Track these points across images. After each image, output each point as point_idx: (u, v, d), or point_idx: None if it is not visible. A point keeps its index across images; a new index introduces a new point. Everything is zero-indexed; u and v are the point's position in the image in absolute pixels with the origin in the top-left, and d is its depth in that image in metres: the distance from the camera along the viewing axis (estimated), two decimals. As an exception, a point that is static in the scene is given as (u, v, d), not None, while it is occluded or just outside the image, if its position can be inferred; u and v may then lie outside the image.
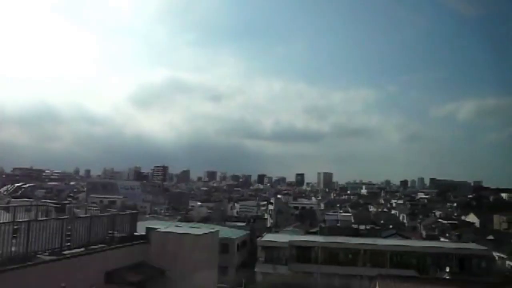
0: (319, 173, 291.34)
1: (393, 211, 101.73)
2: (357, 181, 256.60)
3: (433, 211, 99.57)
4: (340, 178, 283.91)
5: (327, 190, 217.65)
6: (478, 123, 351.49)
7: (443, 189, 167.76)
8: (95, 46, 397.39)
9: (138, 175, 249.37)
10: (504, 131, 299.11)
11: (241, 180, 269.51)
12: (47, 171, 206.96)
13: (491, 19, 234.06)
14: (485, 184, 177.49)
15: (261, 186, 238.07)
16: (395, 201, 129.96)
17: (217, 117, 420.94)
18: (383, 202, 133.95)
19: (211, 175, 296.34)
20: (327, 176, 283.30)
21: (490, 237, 55.61)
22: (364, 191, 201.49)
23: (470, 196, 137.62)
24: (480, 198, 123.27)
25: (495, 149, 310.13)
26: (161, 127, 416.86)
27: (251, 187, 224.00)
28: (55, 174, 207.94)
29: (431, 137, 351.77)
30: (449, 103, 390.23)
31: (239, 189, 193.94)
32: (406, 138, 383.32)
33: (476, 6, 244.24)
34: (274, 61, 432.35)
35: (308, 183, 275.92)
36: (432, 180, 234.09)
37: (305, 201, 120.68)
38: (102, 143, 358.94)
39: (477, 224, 75.38)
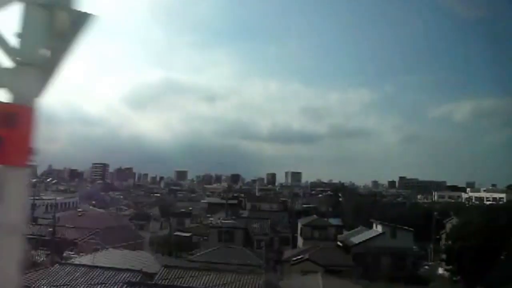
0: (286, 172, 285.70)
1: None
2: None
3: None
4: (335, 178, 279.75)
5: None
6: (475, 124, 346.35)
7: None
8: (91, 46, 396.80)
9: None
10: (502, 132, 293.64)
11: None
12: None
13: (488, 20, 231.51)
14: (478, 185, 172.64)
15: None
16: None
17: (214, 118, 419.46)
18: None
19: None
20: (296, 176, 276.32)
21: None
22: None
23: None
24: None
25: (492, 150, 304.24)
26: (157, 128, 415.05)
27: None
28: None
29: (429, 138, 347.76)
30: (447, 104, 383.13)
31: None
32: (403, 138, 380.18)
33: (474, 7, 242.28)
34: (269, 61, 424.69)
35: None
36: (401, 179, 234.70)
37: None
38: (98, 144, 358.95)
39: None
